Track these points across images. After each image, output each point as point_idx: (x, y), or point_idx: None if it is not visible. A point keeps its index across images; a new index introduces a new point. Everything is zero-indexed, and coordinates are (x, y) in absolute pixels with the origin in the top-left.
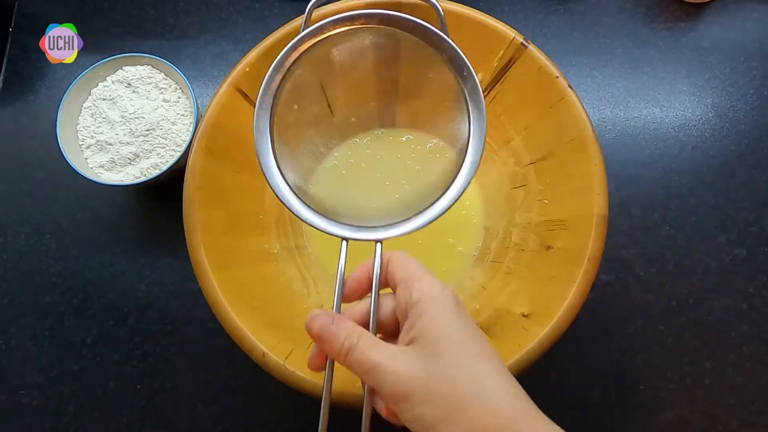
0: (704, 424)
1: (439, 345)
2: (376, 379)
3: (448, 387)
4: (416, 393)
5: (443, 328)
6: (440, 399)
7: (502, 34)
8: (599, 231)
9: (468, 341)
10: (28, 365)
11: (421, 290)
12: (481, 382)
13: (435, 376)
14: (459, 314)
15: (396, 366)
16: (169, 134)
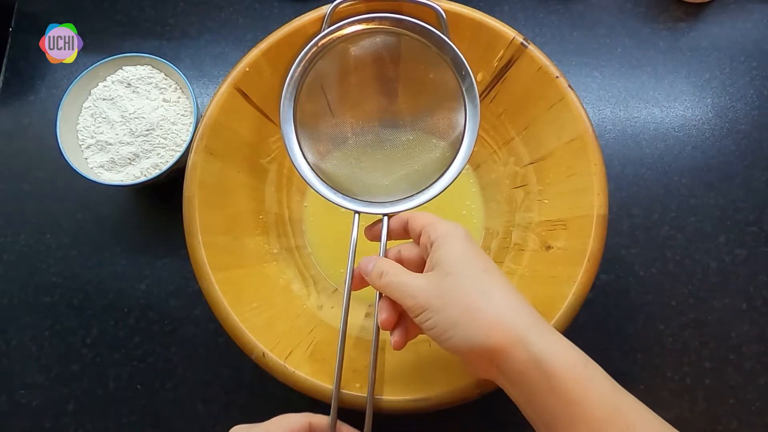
0: (704, 424)
1: (452, 265)
2: (402, 293)
3: (458, 296)
4: (434, 303)
5: (455, 252)
6: (452, 306)
7: (502, 34)
8: (599, 231)
9: (475, 260)
10: (28, 365)
11: (437, 230)
12: (487, 290)
13: (449, 289)
14: (469, 242)
15: (418, 282)
16: (169, 134)
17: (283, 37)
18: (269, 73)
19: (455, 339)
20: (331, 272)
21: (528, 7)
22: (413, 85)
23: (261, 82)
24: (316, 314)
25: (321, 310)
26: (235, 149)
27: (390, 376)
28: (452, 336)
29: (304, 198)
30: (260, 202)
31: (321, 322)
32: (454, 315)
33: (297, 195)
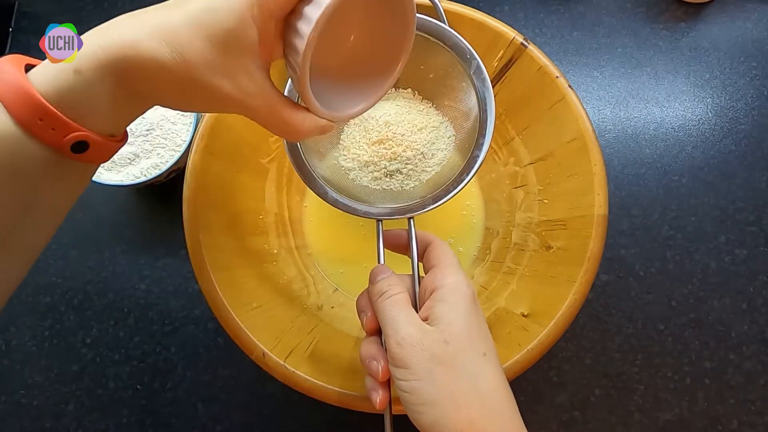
0: (704, 424)
1: (453, 334)
2: (390, 330)
3: (449, 375)
4: (417, 366)
5: (458, 319)
6: (437, 383)
7: (502, 34)
8: (599, 231)
9: (478, 339)
10: (28, 365)
11: (448, 278)
12: (479, 379)
13: (441, 361)
14: (475, 310)
15: (411, 331)
16: (169, 134)
17: None
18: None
19: (426, 417)
20: (331, 272)
21: (528, 7)
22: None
23: None
24: (316, 314)
25: (321, 310)
26: (235, 149)
27: None
28: (424, 413)
29: (304, 198)
30: (260, 202)
31: (321, 322)
32: (436, 393)
33: (297, 195)
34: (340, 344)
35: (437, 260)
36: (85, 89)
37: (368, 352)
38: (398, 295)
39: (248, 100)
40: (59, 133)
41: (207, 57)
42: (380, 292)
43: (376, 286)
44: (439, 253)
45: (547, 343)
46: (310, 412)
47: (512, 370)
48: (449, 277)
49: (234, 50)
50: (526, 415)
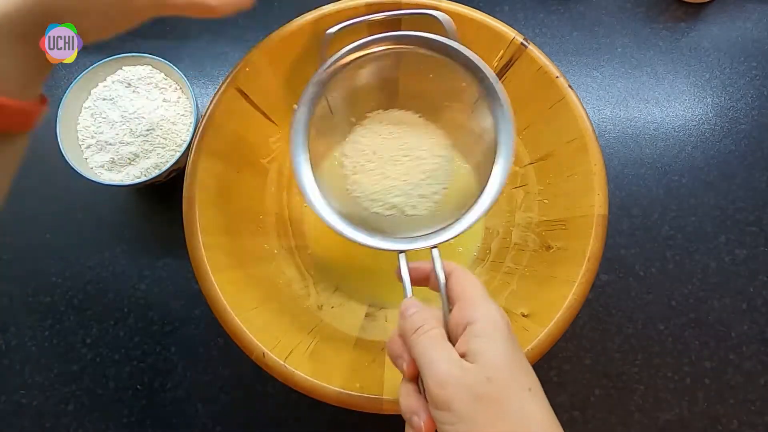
0: (704, 424)
1: (493, 369)
2: (430, 371)
3: (496, 415)
4: (460, 408)
5: (499, 355)
6: (485, 424)
7: (502, 34)
8: (599, 231)
9: (520, 373)
10: (28, 365)
11: (480, 310)
12: (529, 418)
13: (484, 399)
14: (513, 343)
15: (453, 370)
16: (169, 134)
17: (283, 37)
18: (269, 73)
19: None
20: (331, 272)
21: (528, 7)
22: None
23: (261, 82)
24: (316, 314)
25: (321, 310)
26: (235, 149)
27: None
28: None
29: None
30: (260, 202)
31: (321, 322)
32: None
33: (297, 195)
34: (340, 344)
35: (463, 291)
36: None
37: (408, 405)
38: (434, 331)
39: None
40: None
41: None
42: (414, 328)
43: (409, 321)
44: (464, 283)
45: (547, 343)
46: (310, 412)
47: None
48: (481, 308)
49: None
50: None
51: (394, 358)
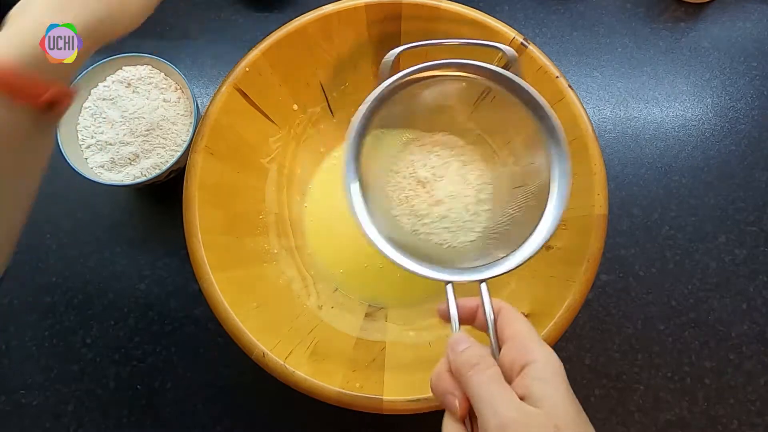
0: (704, 424)
1: (560, 417)
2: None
3: None
4: None
5: (563, 400)
6: None
7: (502, 34)
8: (599, 231)
9: (583, 422)
10: (28, 365)
11: (537, 352)
12: None
13: None
14: (571, 390)
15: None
16: (169, 134)
17: (283, 37)
18: (269, 73)
19: None
20: (331, 272)
21: (528, 7)
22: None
23: (261, 82)
24: (316, 314)
25: (321, 310)
26: (235, 149)
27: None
28: None
29: (304, 198)
30: (260, 202)
31: (321, 322)
32: None
33: (297, 195)
34: (340, 344)
35: (514, 331)
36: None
37: None
38: (494, 369)
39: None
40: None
41: None
42: (470, 364)
43: (463, 356)
44: (514, 323)
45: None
46: (310, 412)
47: None
48: (537, 351)
49: None
50: None
51: (442, 394)
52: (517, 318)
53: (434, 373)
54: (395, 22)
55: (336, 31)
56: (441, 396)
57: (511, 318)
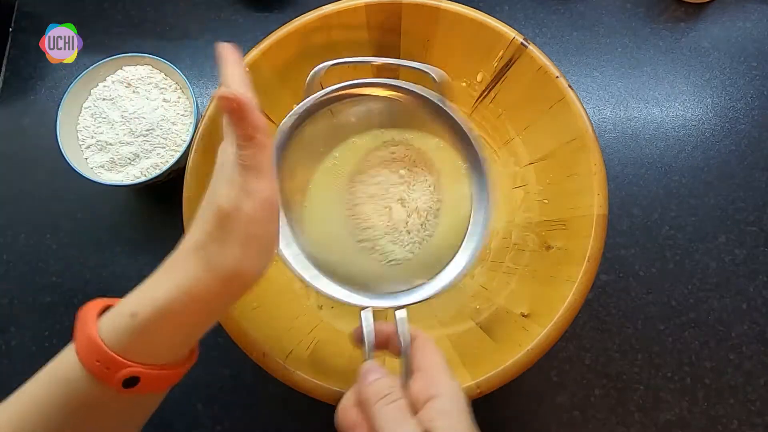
0: (704, 424)
1: None
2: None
3: None
4: None
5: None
6: None
7: (502, 34)
8: (599, 231)
9: None
10: (28, 365)
11: (443, 386)
12: None
13: None
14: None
15: None
16: (169, 134)
17: (283, 38)
18: (269, 73)
19: None
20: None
21: (528, 7)
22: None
23: (261, 82)
24: (316, 314)
25: (321, 310)
26: None
27: None
28: None
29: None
30: None
31: (321, 322)
32: None
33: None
34: (340, 344)
35: (425, 362)
36: (140, 329)
37: None
38: (401, 402)
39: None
40: (111, 371)
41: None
42: (378, 396)
43: (372, 387)
44: (427, 354)
45: (547, 343)
46: (310, 412)
47: (512, 370)
48: (444, 384)
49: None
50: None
51: (347, 428)
52: (429, 348)
53: (340, 407)
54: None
55: (336, 31)
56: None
57: (423, 347)
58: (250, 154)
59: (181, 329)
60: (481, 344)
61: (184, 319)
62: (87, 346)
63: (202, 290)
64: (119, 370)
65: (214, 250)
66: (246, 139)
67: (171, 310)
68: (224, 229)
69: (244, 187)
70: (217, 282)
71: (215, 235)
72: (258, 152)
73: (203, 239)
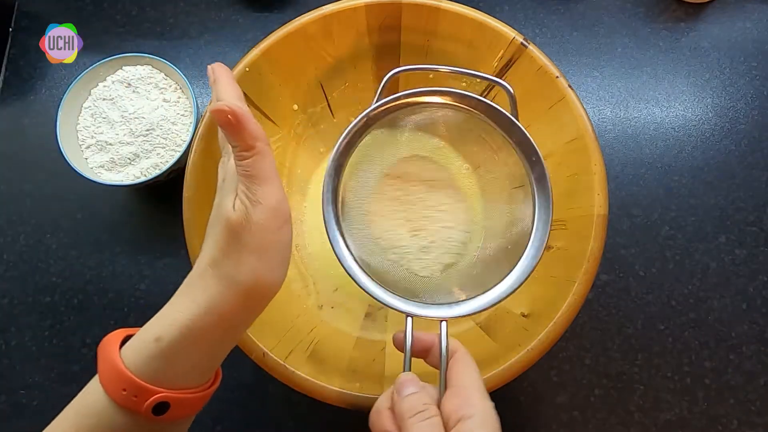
0: (704, 424)
1: None
2: None
3: None
4: None
5: None
6: None
7: (502, 34)
8: (599, 231)
9: None
10: (28, 365)
11: (477, 406)
12: None
13: None
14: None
15: None
16: (169, 134)
17: (283, 37)
18: (269, 73)
19: None
20: (331, 272)
21: (528, 7)
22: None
23: (261, 82)
24: (316, 314)
25: (321, 310)
26: None
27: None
28: None
29: (304, 198)
30: None
31: (321, 322)
32: None
33: (297, 195)
34: (340, 344)
35: (461, 378)
36: (165, 353)
37: None
38: (435, 419)
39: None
40: (140, 399)
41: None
42: (414, 411)
43: (409, 401)
44: (463, 369)
45: (547, 343)
46: (310, 412)
47: (512, 370)
48: (478, 404)
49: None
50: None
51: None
52: (467, 364)
53: (375, 409)
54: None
55: (336, 31)
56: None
57: (462, 363)
58: (252, 162)
59: (206, 349)
60: (481, 344)
61: (209, 339)
62: (112, 376)
63: (224, 307)
64: (148, 397)
65: (230, 264)
66: (246, 149)
67: (195, 331)
68: (237, 242)
69: (251, 196)
70: (238, 296)
71: (229, 249)
72: (259, 160)
73: (217, 256)
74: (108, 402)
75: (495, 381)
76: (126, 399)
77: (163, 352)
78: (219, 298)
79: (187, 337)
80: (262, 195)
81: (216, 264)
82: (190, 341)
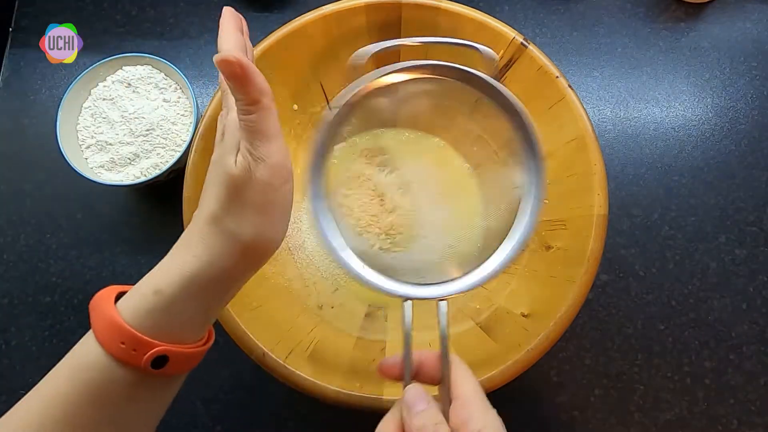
0: (704, 424)
1: None
2: None
3: None
4: None
5: None
6: None
7: (502, 34)
8: (599, 231)
9: None
10: (28, 365)
11: (484, 419)
12: None
13: None
14: None
15: None
16: (169, 134)
17: (283, 37)
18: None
19: None
20: (330, 272)
21: (528, 7)
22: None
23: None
24: (316, 314)
25: (321, 310)
26: None
27: None
28: None
29: (304, 198)
30: None
31: (321, 322)
32: None
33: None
34: (340, 344)
35: (463, 390)
36: (165, 306)
37: None
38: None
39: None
40: (139, 352)
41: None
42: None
43: (420, 418)
44: (463, 378)
45: (547, 343)
46: (310, 412)
47: (512, 370)
48: (484, 415)
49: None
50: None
51: None
52: (466, 376)
53: (383, 424)
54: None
55: (336, 31)
56: None
57: (461, 375)
58: (256, 118)
59: (205, 303)
60: (481, 344)
61: (209, 293)
62: (109, 330)
63: (226, 261)
64: (147, 350)
65: (231, 220)
66: (251, 103)
67: (196, 284)
68: (239, 198)
69: (254, 152)
70: (240, 252)
71: (230, 205)
72: (264, 116)
73: (218, 211)
74: (105, 356)
75: (495, 381)
76: (124, 352)
77: (163, 304)
78: (221, 252)
79: (188, 290)
80: (266, 152)
81: (217, 220)
82: (191, 295)
